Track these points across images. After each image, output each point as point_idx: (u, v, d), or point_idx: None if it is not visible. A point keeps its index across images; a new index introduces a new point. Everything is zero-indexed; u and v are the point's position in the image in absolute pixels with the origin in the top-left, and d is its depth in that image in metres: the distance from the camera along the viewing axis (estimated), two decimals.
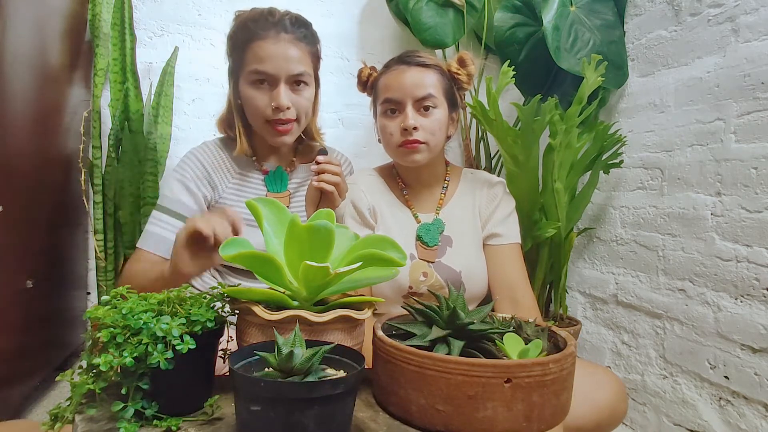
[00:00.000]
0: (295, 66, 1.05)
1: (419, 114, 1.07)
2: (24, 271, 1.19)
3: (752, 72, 1.16)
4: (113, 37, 1.43)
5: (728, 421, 1.18)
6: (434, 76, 1.08)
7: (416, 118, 1.06)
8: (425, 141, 1.07)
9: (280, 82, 1.04)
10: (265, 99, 1.05)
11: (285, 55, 1.04)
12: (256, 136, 1.15)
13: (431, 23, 1.57)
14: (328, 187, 1.01)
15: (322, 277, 0.64)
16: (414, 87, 1.06)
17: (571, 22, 1.49)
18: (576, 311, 1.73)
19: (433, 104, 1.07)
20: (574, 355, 0.64)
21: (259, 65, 1.03)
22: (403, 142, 1.07)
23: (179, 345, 0.56)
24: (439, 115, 1.08)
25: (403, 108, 1.07)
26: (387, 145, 1.12)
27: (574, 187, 1.49)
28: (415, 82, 1.06)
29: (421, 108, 1.07)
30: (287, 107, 1.05)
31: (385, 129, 1.10)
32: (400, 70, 1.09)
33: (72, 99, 1.44)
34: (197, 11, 1.65)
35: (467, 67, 1.13)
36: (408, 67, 1.09)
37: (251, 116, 1.10)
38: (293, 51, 1.05)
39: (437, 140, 1.09)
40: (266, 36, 1.04)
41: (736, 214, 1.19)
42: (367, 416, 0.64)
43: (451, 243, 1.14)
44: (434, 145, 1.09)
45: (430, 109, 1.07)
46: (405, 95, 1.06)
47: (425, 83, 1.07)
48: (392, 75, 1.09)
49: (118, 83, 1.43)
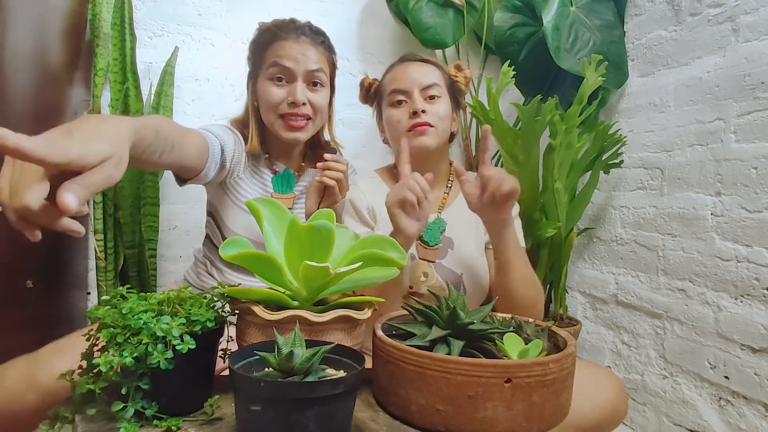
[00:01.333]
0: (312, 63, 1.10)
1: (426, 101, 1.11)
2: (24, 271, 1.19)
3: (752, 72, 1.16)
4: (113, 37, 1.43)
5: (728, 421, 1.18)
6: (437, 71, 1.14)
7: (423, 104, 1.10)
8: (433, 124, 1.10)
9: (298, 79, 1.09)
10: (281, 94, 1.09)
11: (304, 53, 1.10)
12: (269, 137, 1.18)
13: (431, 23, 1.57)
14: (329, 182, 1.06)
15: (322, 277, 0.64)
16: (420, 76, 1.11)
17: (571, 22, 1.49)
18: (576, 311, 1.73)
19: (438, 93, 1.12)
20: (574, 355, 0.64)
21: (279, 60, 1.08)
22: (412, 125, 1.10)
23: (179, 345, 0.56)
24: (444, 105, 1.12)
25: (410, 96, 1.11)
26: (395, 133, 1.14)
27: (574, 187, 1.49)
28: (420, 72, 1.12)
29: (427, 97, 1.11)
30: (303, 103, 1.09)
31: (392, 118, 1.13)
32: (405, 65, 1.15)
33: (72, 99, 1.44)
34: (197, 11, 1.65)
35: (463, 71, 1.19)
36: (411, 62, 1.15)
37: (266, 111, 1.12)
38: (312, 51, 1.11)
39: (443, 127, 1.12)
40: (287, 37, 1.10)
41: (736, 214, 1.19)
42: (367, 416, 0.64)
43: (452, 245, 1.13)
44: (441, 132, 1.12)
45: (435, 98, 1.11)
46: (412, 83, 1.11)
47: (429, 74, 1.12)
48: (397, 69, 1.15)
49: (118, 83, 1.43)
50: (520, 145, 1.31)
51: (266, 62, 1.11)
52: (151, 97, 1.49)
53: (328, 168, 1.07)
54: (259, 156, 1.18)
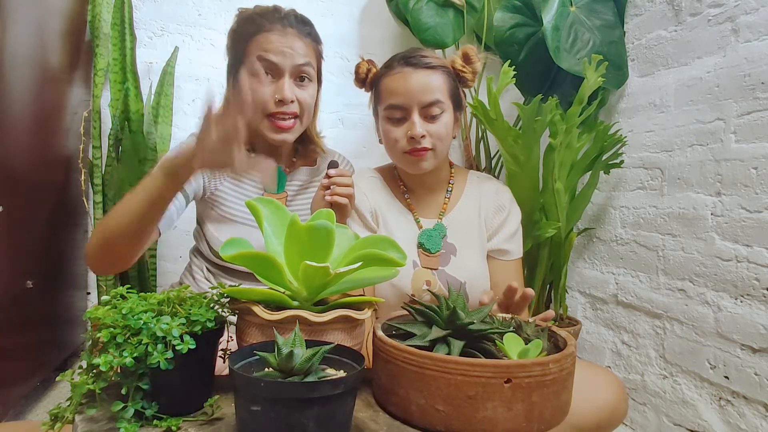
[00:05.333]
0: (300, 57, 1.04)
1: (426, 121, 1.02)
2: (24, 271, 1.19)
3: (752, 72, 1.16)
4: (113, 37, 1.43)
5: (728, 421, 1.18)
6: (440, 78, 1.03)
7: (423, 125, 1.01)
8: (432, 147, 1.03)
9: (285, 74, 1.03)
10: (267, 91, 1.03)
11: (291, 46, 1.03)
12: (254, 135, 1.11)
13: (431, 23, 1.57)
14: (341, 200, 0.98)
15: (322, 277, 0.64)
16: (421, 93, 1.01)
17: (571, 22, 1.49)
18: (576, 311, 1.73)
19: (440, 109, 1.02)
20: (574, 355, 0.64)
21: (264, 54, 1.02)
22: (410, 150, 1.03)
23: (179, 345, 0.56)
24: (446, 120, 1.04)
25: (410, 114, 1.02)
26: (391, 151, 1.08)
27: (574, 187, 1.49)
28: (421, 87, 1.01)
29: (428, 115, 1.02)
30: (291, 100, 1.03)
31: (389, 134, 1.05)
32: (405, 73, 1.03)
33: (72, 99, 1.44)
34: (197, 11, 1.65)
35: (472, 64, 1.08)
36: (414, 69, 1.03)
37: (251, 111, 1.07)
38: (299, 44, 1.05)
39: (444, 145, 1.05)
40: (272, 29, 1.03)
41: (736, 214, 1.19)
42: (367, 416, 0.64)
43: (455, 252, 1.11)
44: (440, 150, 1.05)
45: (437, 116, 1.02)
46: (411, 101, 1.01)
47: (432, 87, 1.02)
48: (396, 78, 1.03)
49: (118, 83, 1.43)
50: (521, 145, 1.31)
51: (249, 56, 1.04)
52: (151, 97, 1.49)
53: (334, 184, 0.99)
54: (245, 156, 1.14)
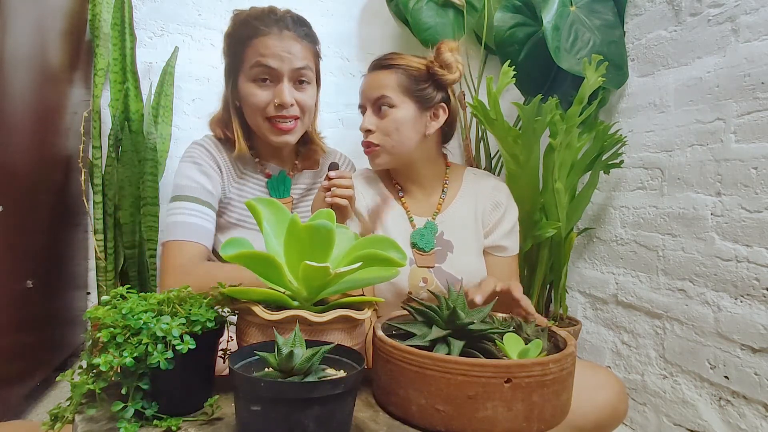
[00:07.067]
0: (298, 60, 1.04)
1: (376, 116, 1.09)
2: (24, 271, 1.19)
3: (752, 72, 1.16)
4: (113, 37, 1.43)
5: (728, 421, 1.18)
6: (392, 77, 1.08)
7: (370, 120, 1.08)
8: (379, 143, 1.08)
9: (284, 78, 1.03)
10: (267, 96, 1.03)
11: (289, 50, 1.03)
12: (256, 138, 1.12)
13: (431, 23, 1.57)
14: (342, 202, 0.99)
15: (322, 277, 0.64)
16: (372, 89, 1.09)
17: (571, 22, 1.49)
18: (576, 311, 1.73)
19: (390, 104, 1.07)
20: (574, 355, 0.64)
21: (262, 60, 1.02)
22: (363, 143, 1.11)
23: (179, 345, 0.56)
24: (397, 116, 1.07)
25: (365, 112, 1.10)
26: None
27: (574, 187, 1.49)
28: (374, 83, 1.09)
29: (377, 109, 1.09)
30: (291, 104, 1.04)
31: None
32: (367, 75, 1.13)
33: (72, 99, 1.44)
34: (197, 11, 1.65)
35: (441, 56, 1.08)
36: (373, 71, 1.12)
37: (251, 115, 1.07)
38: (296, 47, 1.04)
39: (397, 140, 1.07)
40: (269, 32, 1.03)
41: (736, 214, 1.19)
42: (367, 416, 0.64)
43: (452, 248, 1.12)
44: (393, 146, 1.08)
45: (384, 110, 1.07)
46: (365, 99, 1.10)
47: (382, 83, 1.08)
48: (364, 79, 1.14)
49: (118, 83, 1.43)
50: (521, 145, 1.31)
51: (247, 61, 1.04)
52: (151, 97, 1.49)
53: (335, 186, 0.99)
54: (249, 160, 1.13)
